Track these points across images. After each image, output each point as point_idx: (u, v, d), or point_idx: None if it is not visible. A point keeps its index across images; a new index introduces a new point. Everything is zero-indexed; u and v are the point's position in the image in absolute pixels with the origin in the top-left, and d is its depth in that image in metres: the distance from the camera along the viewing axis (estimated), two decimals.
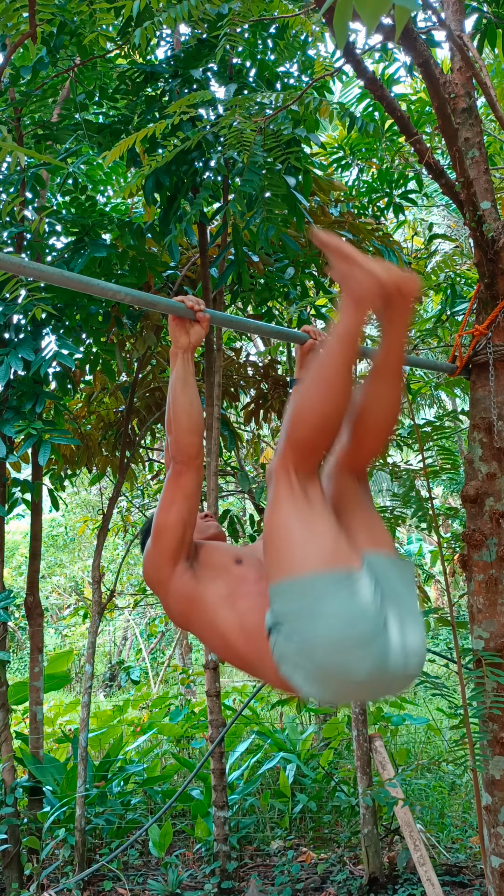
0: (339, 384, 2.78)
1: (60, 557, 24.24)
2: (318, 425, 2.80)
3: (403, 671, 2.65)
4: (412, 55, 4.54)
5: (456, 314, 7.33)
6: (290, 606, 2.65)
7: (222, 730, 7.51)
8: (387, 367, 3.04)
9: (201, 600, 3.01)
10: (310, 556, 2.68)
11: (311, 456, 2.84)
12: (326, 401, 2.78)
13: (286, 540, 2.72)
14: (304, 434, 2.80)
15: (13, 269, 3.20)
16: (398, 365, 3.07)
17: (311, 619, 2.60)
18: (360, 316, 2.81)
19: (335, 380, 2.78)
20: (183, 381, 3.12)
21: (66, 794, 8.28)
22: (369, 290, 2.79)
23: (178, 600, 3.08)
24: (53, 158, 7.09)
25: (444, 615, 5.65)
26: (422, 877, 6.66)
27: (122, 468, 8.85)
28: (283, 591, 2.68)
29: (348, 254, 2.82)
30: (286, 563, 2.70)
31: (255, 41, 7.16)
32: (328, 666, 2.61)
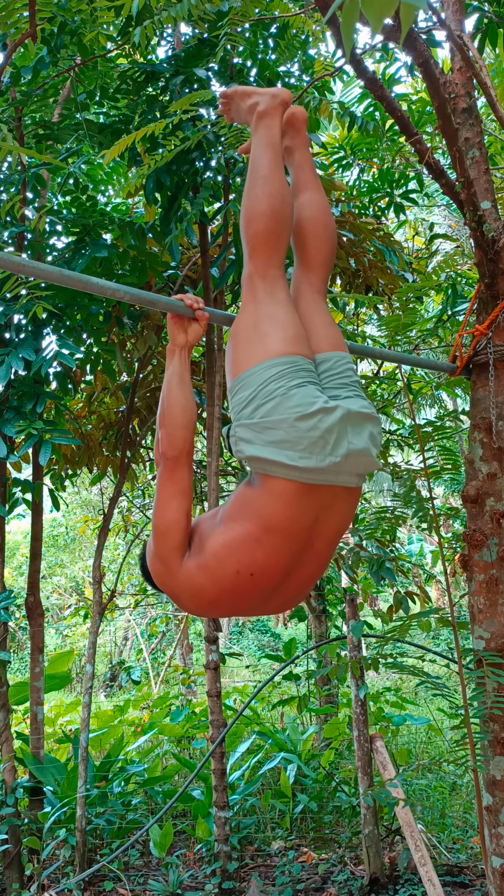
0: (274, 178, 3.15)
1: (61, 557, 24.26)
2: (268, 214, 3.10)
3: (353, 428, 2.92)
4: (412, 55, 4.54)
5: (456, 314, 7.33)
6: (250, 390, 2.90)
7: (223, 730, 7.50)
8: (305, 181, 3.54)
9: (208, 555, 3.03)
10: (272, 342, 2.95)
11: (271, 254, 3.10)
12: (267, 193, 3.12)
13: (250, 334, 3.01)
14: (259, 228, 3.10)
15: (13, 269, 3.20)
16: (313, 176, 3.59)
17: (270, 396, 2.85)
18: (272, 126, 3.30)
19: (270, 177, 3.15)
20: (179, 377, 3.20)
21: (67, 794, 8.28)
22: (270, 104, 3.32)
23: (191, 579, 3.09)
24: (54, 158, 7.10)
25: (445, 615, 5.64)
26: (423, 877, 6.65)
27: (123, 468, 8.85)
28: (245, 379, 2.93)
29: (246, 90, 3.44)
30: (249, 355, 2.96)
31: (256, 40, 7.16)
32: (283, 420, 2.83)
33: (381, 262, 8.55)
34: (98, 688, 21.06)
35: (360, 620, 7.60)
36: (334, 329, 3.27)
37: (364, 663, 7.07)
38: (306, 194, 3.46)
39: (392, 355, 5.19)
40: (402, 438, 9.56)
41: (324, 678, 11.24)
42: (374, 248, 8.51)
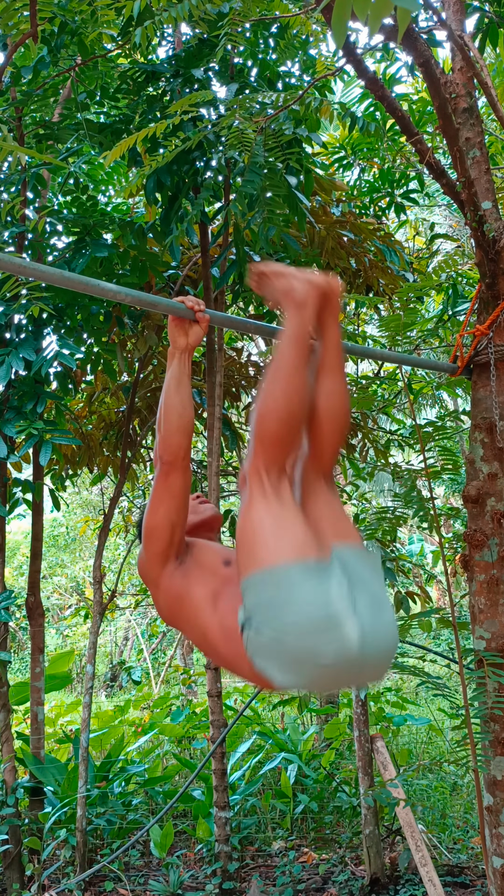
0: (296, 379, 2.96)
1: (62, 557, 24.25)
2: (282, 420, 2.92)
3: (375, 656, 2.71)
4: (413, 55, 4.54)
5: (457, 314, 7.32)
6: (260, 598, 2.72)
7: (224, 730, 7.50)
8: (329, 364, 3.24)
9: (187, 598, 3.05)
10: (280, 548, 2.76)
11: (279, 453, 2.94)
12: (286, 396, 2.93)
13: (257, 536, 2.82)
14: (270, 431, 2.92)
15: (14, 270, 3.20)
16: (339, 359, 3.29)
17: (281, 608, 2.67)
18: (304, 318, 3.05)
19: (292, 376, 2.96)
20: (177, 381, 3.17)
21: (68, 794, 8.28)
22: (307, 294, 3.06)
23: (166, 598, 3.13)
24: (54, 158, 7.10)
25: (446, 615, 5.64)
26: (423, 877, 6.65)
27: (124, 468, 8.85)
28: (253, 584, 2.76)
29: (281, 270, 3.15)
30: (257, 558, 2.78)
31: (256, 41, 7.16)
32: (298, 652, 2.66)
33: (381, 262, 8.55)
34: (98, 688, 21.05)
35: None
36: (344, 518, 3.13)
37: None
38: (328, 382, 3.23)
39: (393, 356, 5.19)
40: (402, 438, 9.56)
41: None
42: (374, 248, 8.51)
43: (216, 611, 2.99)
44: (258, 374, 9.56)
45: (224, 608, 2.98)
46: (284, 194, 6.55)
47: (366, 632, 2.66)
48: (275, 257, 7.96)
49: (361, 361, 10.34)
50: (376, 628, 2.71)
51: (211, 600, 3.02)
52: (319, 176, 8.03)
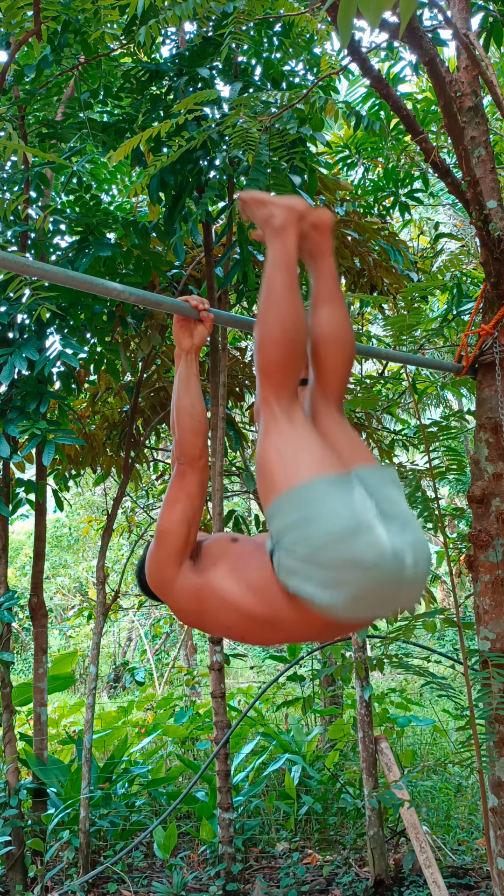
0: (288, 302, 2.98)
1: (65, 558, 24.24)
2: (281, 344, 2.95)
3: (412, 564, 2.71)
4: (418, 53, 4.52)
5: (462, 314, 7.31)
6: (289, 518, 2.72)
7: (227, 731, 7.49)
8: (325, 293, 3.28)
9: (208, 587, 3.01)
10: (301, 467, 2.79)
11: (284, 379, 2.96)
12: (281, 319, 2.96)
13: (277, 460, 2.84)
14: (271, 357, 2.96)
15: (17, 269, 3.19)
16: (335, 288, 3.32)
17: (311, 522, 2.67)
18: (287, 242, 3.09)
19: (284, 299, 2.98)
20: (185, 383, 3.18)
21: (71, 795, 8.26)
22: (286, 219, 3.09)
23: (185, 597, 3.08)
24: (58, 157, 7.07)
25: (451, 616, 5.63)
26: (428, 879, 6.64)
27: (127, 468, 8.83)
28: (280, 507, 2.76)
29: (262, 198, 3.20)
30: (280, 481, 2.80)
31: (261, 39, 7.14)
32: (336, 563, 2.65)
33: (386, 262, 8.54)
34: (102, 689, 21.04)
35: None
36: (359, 442, 3.15)
37: (369, 664, 7.06)
38: (326, 309, 3.26)
39: (397, 355, 5.18)
40: (407, 438, 9.54)
41: (328, 679, 11.23)
42: (378, 248, 8.50)
43: (239, 579, 2.97)
44: None
45: (246, 573, 2.97)
46: (289, 193, 6.53)
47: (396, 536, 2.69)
48: None
49: (366, 361, 10.33)
50: (407, 533, 2.75)
51: (231, 574, 3.00)
52: (324, 175, 8.02)
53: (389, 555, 2.63)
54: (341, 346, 3.24)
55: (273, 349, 2.94)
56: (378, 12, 1.87)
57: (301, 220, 3.14)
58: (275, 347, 2.94)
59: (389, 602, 2.81)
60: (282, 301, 2.98)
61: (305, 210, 3.14)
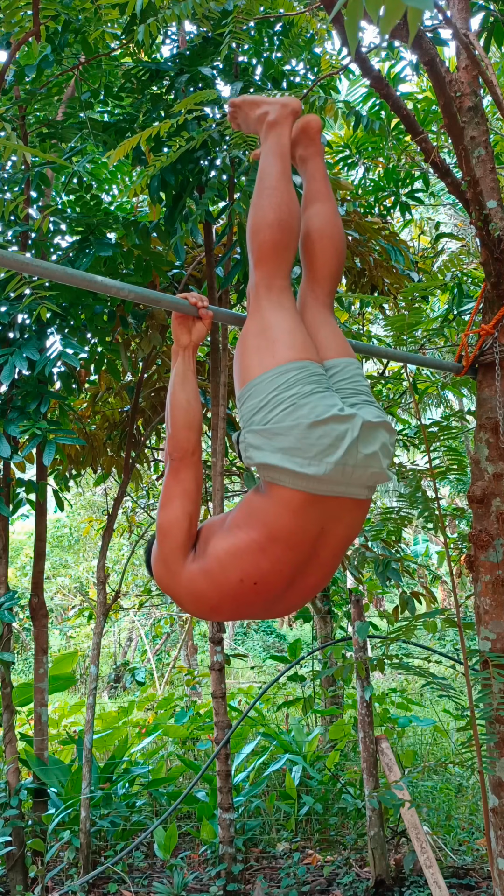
0: (281, 187, 3.13)
1: (65, 558, 24.26)
2: (274, 225, 3.07)
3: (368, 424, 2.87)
4: (418, 53, 4.51)
5: (462, 313, 7.31)
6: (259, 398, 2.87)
7: (228, 731, 7.49)
8: (316, 192, 3.46)
9: (210, 561, 3.02)
10: (278, 350, 2.91)
11: (277, 262, 3.07)
12: (274, 203, 3.09)
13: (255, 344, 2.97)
14: (264, 239, 3.08)
15: (18, 267, 3.19)
16: (325, 188, 3.50)
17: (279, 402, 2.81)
18: (281, 134, 3.28)
19: (276, 187, 3.12)
20: (182, 378, 3.20)
21: (71, 795, 8.26)
22: (280, 113, 3.30)
23: (194, 584, 3.08)
24: (58, 157, 7.08)
25: (451, 616, 5.62)
26: (428, 879, 6.63)
27: (127, 468, 8.83)
28: (252, 389, 2.90)
29: (255, 99, 3.42)
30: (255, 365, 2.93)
31: (261, 39, 7.14)
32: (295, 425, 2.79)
33: (386, 262, 8.53)
34: (102, 689, 21.04)
35: (366, 621, 7.58)
36: (341, 337, 3.25)
37: (369, 664, 7.06)
38: (316, 205, 3.40)
39: (398, 355, 5.17)
40: (407, 438, 9.54)
41: (329, 679, 11.22)
42: (379, 248, 8.49)
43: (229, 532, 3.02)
44: None
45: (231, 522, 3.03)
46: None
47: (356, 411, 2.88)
48: None
49: (366, 361, 10.33)
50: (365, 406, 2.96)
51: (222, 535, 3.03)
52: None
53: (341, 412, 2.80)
54: (331, 240, 3.38)
55: (266, 231, 3.05)
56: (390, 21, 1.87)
57: (294, 116, 3.32)
58: (267, 229, 3.06)
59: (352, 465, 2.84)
60: (275, 186, 3.11)
61: (298, 107, 3.31)
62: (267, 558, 2.94)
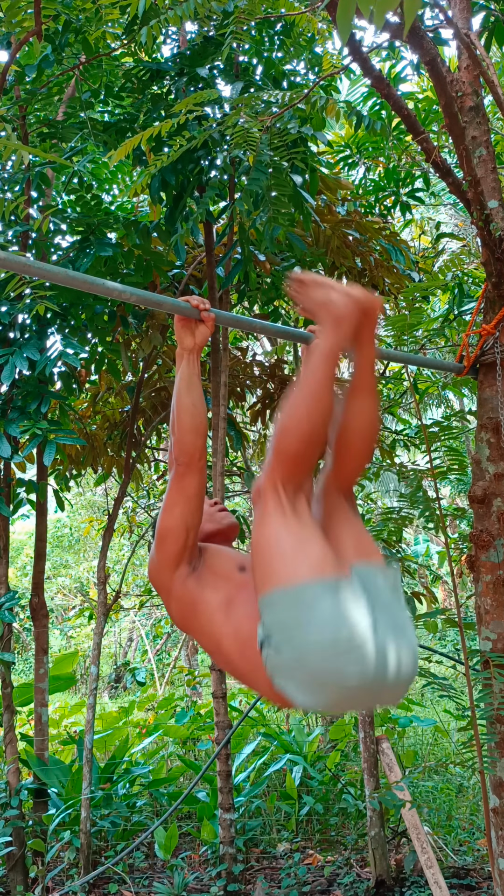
0: (323, 398, 2.89)
1: (66, 558, 24.23)
2: (304, 438, 2.87)
3: (396, 677, 2.65)
4: (419, 53, 4.52)
5: (463, 314, 7.30)
6: (280, 617, 2.68)
7: (228, 731, 7.48)
8: (362, 384, 3.21)
9: (200, 605, 3.02)
10: (299, 566, 2.71)
11: (298, 469, 2.89)
12: (312, 414, 2.88)
13: (275, 552, 2.76)
14: (291, 447, 2.87)
15: (18, 269, 3.19)
16: (371, 380, 3.25)
17: (302, 628, 2.62)
18: (340, 334, 2.99)
19: (320, 394, 2.89)
20: (187, 382, 3.14)
21: (72, 796, 8.25)
22: (347, 310, 2.99)
23: (178, 603, 3.09)
24: (59, 157, 7.07)
25: (452, 616, 5.62)
26: (429, 879, 6.63)
27: (128, 468, 8.83)
28: (273, 602, 2.71)
29: (322, 281, 3.07)
30: (275, 575, 2.73)
31: (262, 39, 7.13)
32: (320, 673, 2.62)
33: (387, 262, 8.53)
34: (103, 689, 21.04)
35: None
36: (366, 536, 3.09)
37: None
38: (362, 401, 3.20)
39: (398, 355, 5.17)
40: (408, 439, 9.54)
41: None
42: (380, 248, 8.48)
43: (230, 618, 2.96)
44: (263, 374, 9.54)
45: (239, 616, 2.94)
46: (290, 193, 6.52)
47: (390, 654, 2.63)
48: (280, 257, 7.95)
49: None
50: (398, 649, 2.68)
51: (224, 607, 2.99)
52: (325, 175, 8.01)
53: (372, 672, 2.59)
54: (365, 442, 3.22)
55: (297, 440, 2.88)
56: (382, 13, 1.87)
57: (363, 316, 3.08)
58: (299, 439, 2.88)
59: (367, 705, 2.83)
60: (318, 394, 2.91)
61: (366, 300, 3.08)
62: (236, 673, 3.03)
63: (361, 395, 3.19)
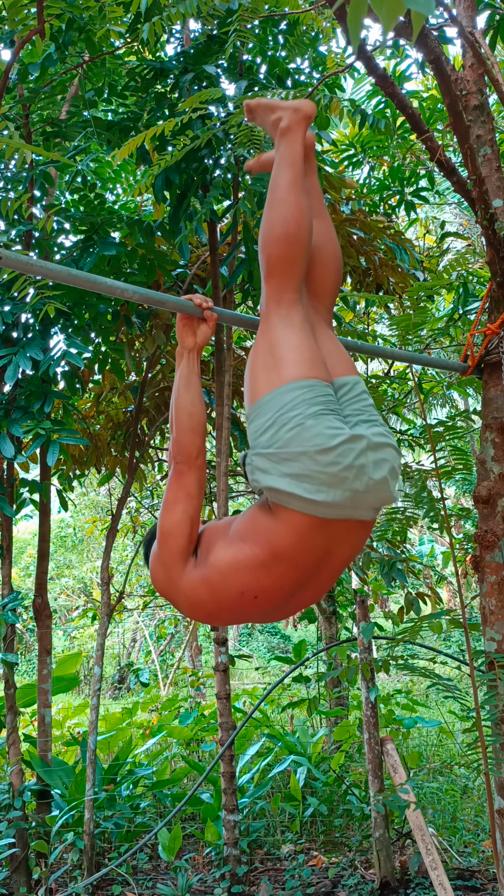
0: (292, 199, 3.10)
1: (69, 558, 24.26)
2: (284, 238, 3.05)
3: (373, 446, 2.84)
4: (424, 52, 4.50)
5: (468, 313, 7.28)
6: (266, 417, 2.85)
7: (232, 732, 7.47)
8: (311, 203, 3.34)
9: (211, 570, 3.02)
10: (287, 367, 2.90)
11: (288, 275, 3.05)
12: (285, 215, 3.07)
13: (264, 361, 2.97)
14: (275, 252, 3.06)
15: (21, 268, 3.18)
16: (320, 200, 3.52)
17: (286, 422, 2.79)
18: (294, 142, 3.23)
19: (288, 196, 3.10)
20: (186, 381, 3.19)
21: (75, 797, 8.24)
22: (293, 119, 3.26)
23: (194, 590, 3.08)
24: (62, 156, 7.06)
25: (457, 617, 5.60)
26: (434, 881, 6.61)
27: (131, 468, 8.81)
28: (260, 406, 2.89)
29: (270, 103, 3.38)
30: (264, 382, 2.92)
31: (266, 37, 7.12)
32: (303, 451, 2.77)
33: (391, 261, 8.51)
34: (106, 690, 21.05)
35: (371, 622, 7.56)
36: (344, 353, 3.24)
37: (375, 665, 7.03)
38: (314, 222, 3.33)
39: (403, 354, 5.15)
40: (413, 438, 9.51)
41: (334, 680, 11.21)
42: (384, 247, 8.47)
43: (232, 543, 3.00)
44: None
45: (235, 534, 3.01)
46: None
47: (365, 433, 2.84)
48: None
49: (371, 360, 10.30)
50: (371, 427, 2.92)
51: (225, 545, 3.02)
52: (329, 174, 7.99)
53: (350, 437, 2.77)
54: (331, 257, 3.38)
55: (275, 245, 3.03)
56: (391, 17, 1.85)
57: (307, 121, 3.27)
58: (276, 243, 3.03)
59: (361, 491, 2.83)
60: (284, 198, 3.08)
61: (311, 111, 3.27)
62: (269, 575, 2.94)
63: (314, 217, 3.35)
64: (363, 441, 2.80)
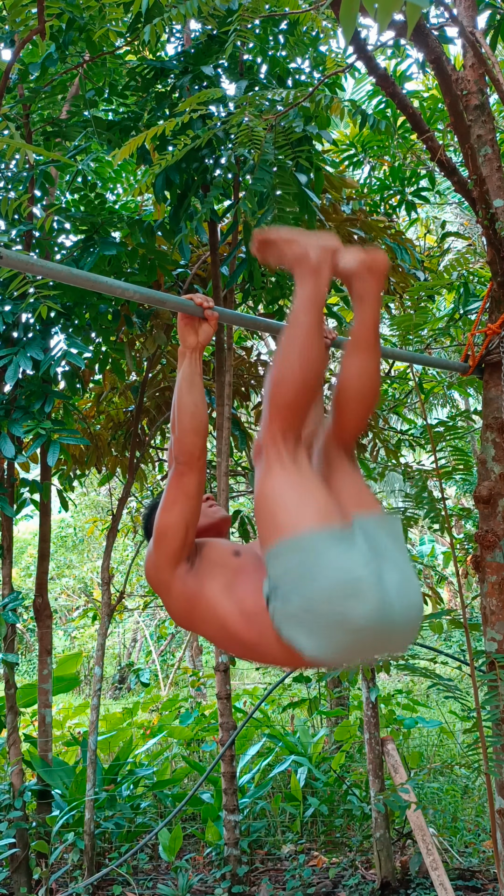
0: (310, 346, 2.92)
1: (70, 558, 24.24)
2: (297, 387, 2.90)
3: (402, 619, 2.74)
4: (424, 52, 4.51)
5: (469, 313, 7.28)
6: (286, 566, 2.73)
7: (233, 733, 7.46)
8: (362, 340, 3.19)
9: (201, 596, 3.03)
10: (303, 516, 2.77)
11: (294, 420, 2.93)
12: (301, 362, 2.90)
13: (279, 504, 2.82)
14: (285, 398, 2.91)
15: (21, 267, 3.18)
16: (373, 337, 3.21)
17: (308, 574, 2.69)
18: (320, 283, 2.98)
19: (306, 342, 2.91)
20: (189, 382, 3.15)
21: (75, 797, 8.23)
22: (322, 258, 2.97)
23: (179, 600, 3.10)
24: (62, 156, 7.06)
25: (457, 617, 5.59)
26: (434, 881, 6.60)
27: (132, 468, 8.81)
28: (279, 553, 2.76)
29: (291, 237, 3.06)
30: (280, 527, 2.79)
31: (266, 37, 7.12)
32: (327, 616, 2.67)
33: (392, 261, 8.51)
34: (107, 690, 21.04)
35: None
36: (368, 490, 3.14)
37: (375, 665, 7.03)
38: (362, 357, 3.19)
39: (404, 354, 5.16)
40: (413, 438, 9.52)
41: (335, 680, 11.20)
42: (385, 247, 8.46)
43: (232, 599, 2.98)
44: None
45: (241, 594, 2.97)
46: (294, 192, 6.51)
47: (392, 596, 2.70)
48: None
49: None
50: (402, 592, 2.75)
51: (226, 591, 3.00)
52: (329, 173, 8.00)
53: (379, 613, 2.66)
54: (365, 398, 3.21)
55: (288, 389, 2.90)
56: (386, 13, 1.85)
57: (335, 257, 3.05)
58: (291, 388, 2.90)
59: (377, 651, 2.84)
60: (305, 342, 2.92)
61: (339, 248, 3.06)
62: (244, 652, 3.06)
63: (362, 353, 3.19)
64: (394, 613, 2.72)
